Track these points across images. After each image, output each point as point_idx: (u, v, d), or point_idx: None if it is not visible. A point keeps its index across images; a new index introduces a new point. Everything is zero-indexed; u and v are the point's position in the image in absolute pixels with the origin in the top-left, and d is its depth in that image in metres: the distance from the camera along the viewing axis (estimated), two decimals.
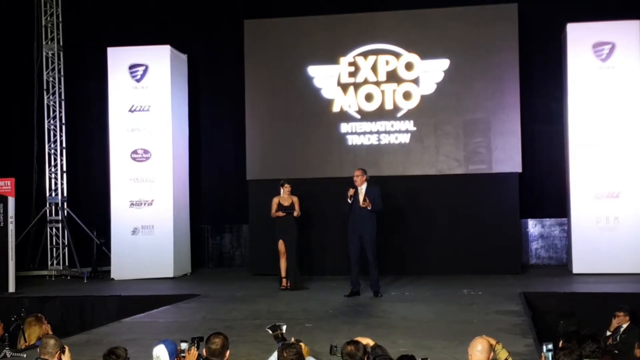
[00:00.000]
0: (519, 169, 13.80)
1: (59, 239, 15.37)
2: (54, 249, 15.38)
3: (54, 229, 15.39)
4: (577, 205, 13.38)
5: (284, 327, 6.25)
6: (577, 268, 13.25)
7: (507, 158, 13.84)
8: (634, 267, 12.84)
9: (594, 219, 13.22)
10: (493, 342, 5.88)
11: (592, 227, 13.21)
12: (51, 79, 15.50)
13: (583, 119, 13.34)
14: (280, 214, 12.32)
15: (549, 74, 14.53)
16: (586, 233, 13.24)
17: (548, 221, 14.80)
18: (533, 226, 14.82)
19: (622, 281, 12.25)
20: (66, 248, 15.33)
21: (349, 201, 11.33)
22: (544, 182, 14.71)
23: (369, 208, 11.30)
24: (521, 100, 13.87)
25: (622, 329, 9.16)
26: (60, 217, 15.35)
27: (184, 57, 15.23)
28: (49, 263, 15.31)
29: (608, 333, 9.28)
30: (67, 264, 15.31)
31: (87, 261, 14.98)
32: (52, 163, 15.51)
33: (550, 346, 5.60)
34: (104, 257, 14.82)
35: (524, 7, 14.00)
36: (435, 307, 10.51)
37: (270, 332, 6.23)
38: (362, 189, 11.41)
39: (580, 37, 13.41)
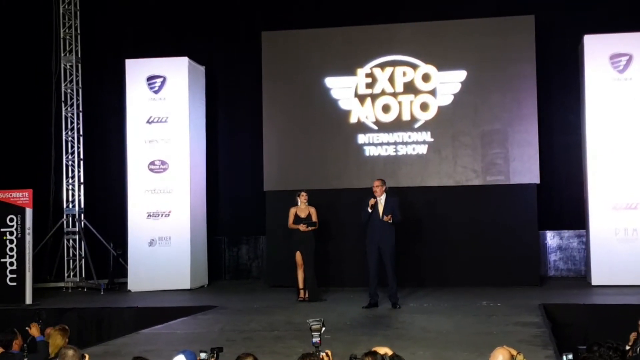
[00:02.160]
0: (536, 180, 13.75)
1: (76, 251, 15.41)
2: (71, 261, 15.41)
3: (70, 241, 15.43)
4: (596, 217, 13.30)
5: (323, 329, 6.14)
6: (595, 280, 13.16)
7: (525, 169, 13.80)
8: None
9: (612, 231, 13.14)
10: (514, 352, 5.82)
11: (611, 238, 13.13)
12: (69, 90, 15.59)
13: (601, 130, 13.28)
14: (302, 227, 12.27)
15: (566, 85, 14.50)
16: (605, 245, 13.15)
17: (566, 233, 14.72)
18: (551, 238, 14.75)
19: None
20: (83, 260, 15.36)
21: (369, 210, 11.31)
22: (562, 193, 14.64)
23: (390, 222, 11.28)
24: (538, 112, 13.83)
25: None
26: (77, 229, 15.38)
27: (202, 68, 15.29)
28: (66, 275, 15.34)
29: (627, 347, 9.18)
30: (84, 275, 15.34)
31: (104, 273, 15.01)
32: (70, 174, 15.57)
33: (570, 356, 5.55)
34: (121, 268, 14.84)
35: (541, 19, 13.98)
36: (454, 318, 10.45)
37: (312, 325, 6.08)
38: (382, 199, 11.40)
39: (598, 48, 13.37)
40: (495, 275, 13.64)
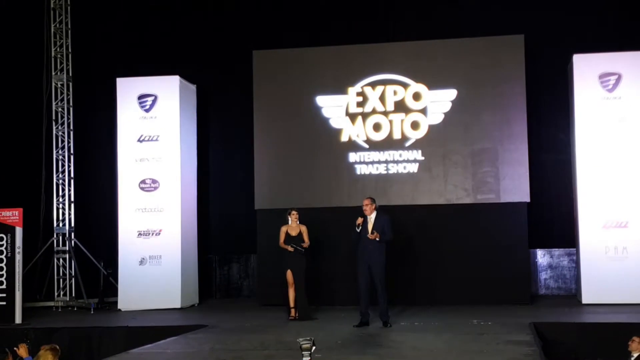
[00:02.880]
0: (527, 199, 13.80)
1: (66, 270, 15.35)
2: (61, 280, 15.35)
3: (61, 260, 15.37)
4: (586, 235, 13.36)
5: (313, 348, 6.11)
6: (586, 298, 13.19)
7: (515, 188, 13.84)
8: None
9: (602, 249, 13.19)
10: None
11: (601, 257, 13.19)
12: (60, 109, 15.58)
13: (590, 149, 13.36)
14: (290, 248, 12.27)
15: (555, 104, 14.59)
16: (595, 263, 13.21)
17: (557, 251, 14.77)
18: (542, 256, 14.78)
19: (632, 311, 12.16)
20: (73, 279, 15.29)
21: (357, 229, 11.31)
22: (552, 212, 14.70)
23: (377, 239, 11.28)
24: (529, 130, 13.91)
25: (633, 358, 9.10)
26: (67, 248, 15.34)
27: (193, 87, 15.33)
28: (56, 294, 15.26)
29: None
30: (74, 294, 15.27)
31: (94, 292, 14.94)
32: (60, 193, 15.53)
33: None
34: (111, 287, 14.79)
35: (531, 38, 14.10)
36: (445, 337, 10.43)
37: (303, 344, 6.05)
38: (372, 218, 11.39)
39: (587, 68, 13.48)
40: (486, 294, 13.67)
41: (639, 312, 12.08)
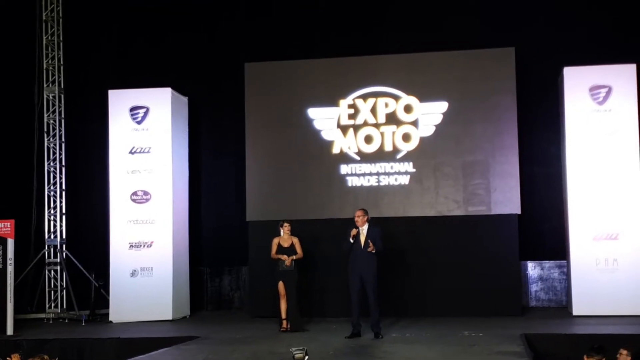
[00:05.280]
0: (517, 211, 13.84)
1: (57, 282, 15.30)
2: (52, 292, 15.30)
3: (52, 272, 15.33)
4: (576, 247, 13.40)
5: (306, 357, 6.13)
6: (577, 310, 13.23)
7: (506, 200, 13.89)
8: (634, 309, 12.82)
9: (593, 261, 13.24)
10: None
11: (592, 269, 13.23)
12: (52, 121, 15.57)
13: (581, 162, 13.42)
14: (284, 257, 12.27)
15: (546, 117, 14.66)
16: (586, 275, 13.25)
17: (547, 263, 14.81)
18: (532, 268, 14.82)
19: (622, 323, 12.21)
20: (64, 290, 15.26)
21: (352, 240, 11.34)
22: (543, 224, 14.74)
23: (373, 252, 11.32)
24: (519, 142, 13.96)
25: None
26: (58, 260, 15.30)
27: (185, 99, 15.36)
28: (47, 306, 15.21)
29: None
30: (65, 306, 15.22)
31: (85, 304, 14.90)
32: (52, 205, 15.50)
33: None
34: (103, 299, 14.76)
35: (521, 51, 14.18)
36: (436, 348, 10.46)
37: (295, 354, 6.07)
38: (364, 229, 11.43)
39: (577, 80, 13.55)
40: (477, 305, 13.69)
41: (629, 323, 12.13)
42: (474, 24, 14.87)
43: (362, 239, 11.37)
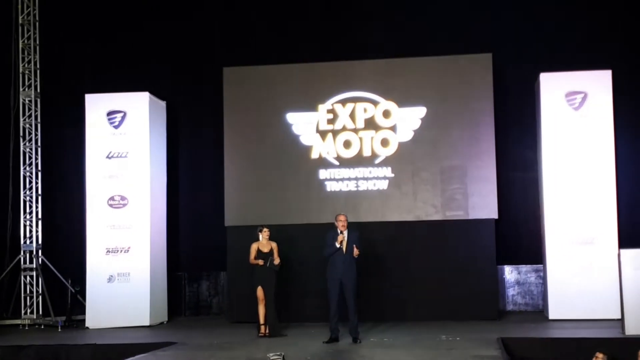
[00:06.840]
0: (495, 216, 13.92)
1: (33, 287, 15.16)
2: (28, 298, 15.15)
3: (28, 277, 15.19)
4: (553, 252, 13.50)
5: None
6: (553, 314, 13.32)
7: (484, 204, 13.96)
8: (610, 313, 12.84)
9: (569, 265, 13.34)
10: None
11: (568, 273, 13.32)
12: (28, 125, 15.45)
13: (557, 167, 13.53)
14: (261, 262, 12.27)
15: (523, 122, 14.76)
16: (562, 279, 13.34)
17: (524, 267, 14.89)
18: (509, 272, 14.90)
19: (598, 326, 12.29)
20: (40, 296, 15.12)
21: (338, 246, 11.37)
22: (519, 228, 14.83)
23: (356, 256, 11.36)
24: (496, 148, 14.04)
25: None
26: (34, 265, 15.17)
27: (163, 103, 15.31)
28: (23, 312, 15.06)
29: None
30: (41, 312, 15.07)
31: (62, 310, 14.78)
32: (28, 210, 15.36)
33: None
34: (79, 305, 14.65)
35: (499, 57, 14.27)
36: (414, 352, 10.49)
37: (272, 358, 6.07)
38: (345, 234, 11.48)
39: (553, 86, 13.66)
40: (454, 310, 13.75)
41: (605, 327, 12.20)
42: (452, 30, 14.95)
43: (345, 243, 11.40)
